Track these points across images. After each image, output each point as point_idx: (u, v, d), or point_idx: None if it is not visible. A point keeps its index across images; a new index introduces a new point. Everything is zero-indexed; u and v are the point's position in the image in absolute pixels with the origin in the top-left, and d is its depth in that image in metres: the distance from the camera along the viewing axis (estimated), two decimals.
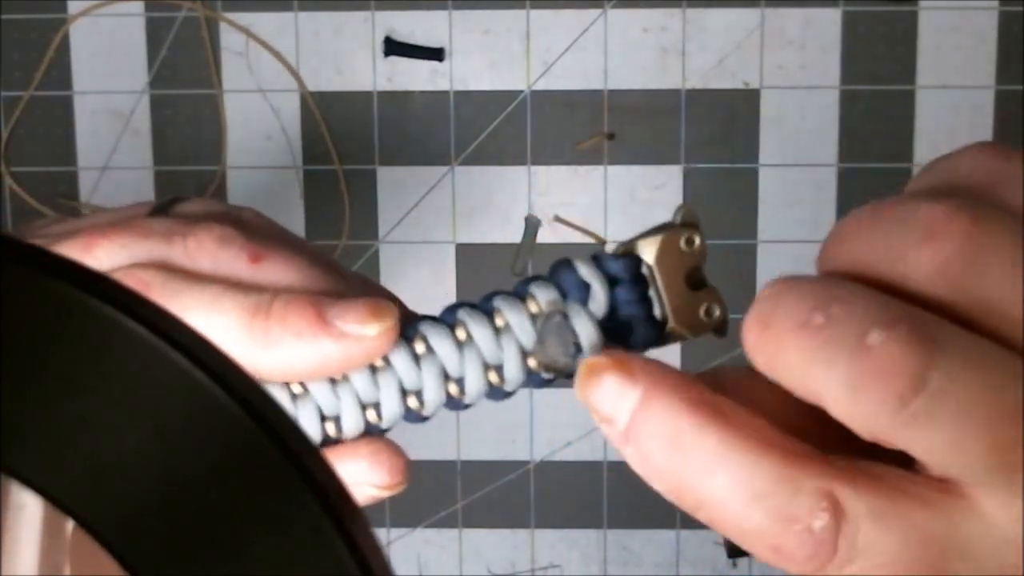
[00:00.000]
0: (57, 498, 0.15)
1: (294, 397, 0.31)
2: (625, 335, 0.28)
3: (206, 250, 0.33)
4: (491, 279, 0.68)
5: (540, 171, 0.69)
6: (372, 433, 0.31)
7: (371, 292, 0.38)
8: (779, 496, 0.22)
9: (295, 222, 0.69)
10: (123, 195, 0.70)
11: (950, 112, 0.68)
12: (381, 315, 0.30)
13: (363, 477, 0.32)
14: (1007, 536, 0.22)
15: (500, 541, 0.72)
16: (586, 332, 0.28)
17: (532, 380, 0.29)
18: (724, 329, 0.29)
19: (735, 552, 0.70)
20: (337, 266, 0.37)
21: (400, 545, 0.72)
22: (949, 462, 0.22)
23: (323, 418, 0.31)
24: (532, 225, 0.69)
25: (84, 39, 0.69)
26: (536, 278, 0.29)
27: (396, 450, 0.33)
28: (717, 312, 0.28)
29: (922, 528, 0.22)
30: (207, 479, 0.14)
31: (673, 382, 0.23)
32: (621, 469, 0.70)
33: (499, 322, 0.29)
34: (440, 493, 0.71)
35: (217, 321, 0.31)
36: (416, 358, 0.30)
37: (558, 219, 0.69)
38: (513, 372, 0.29)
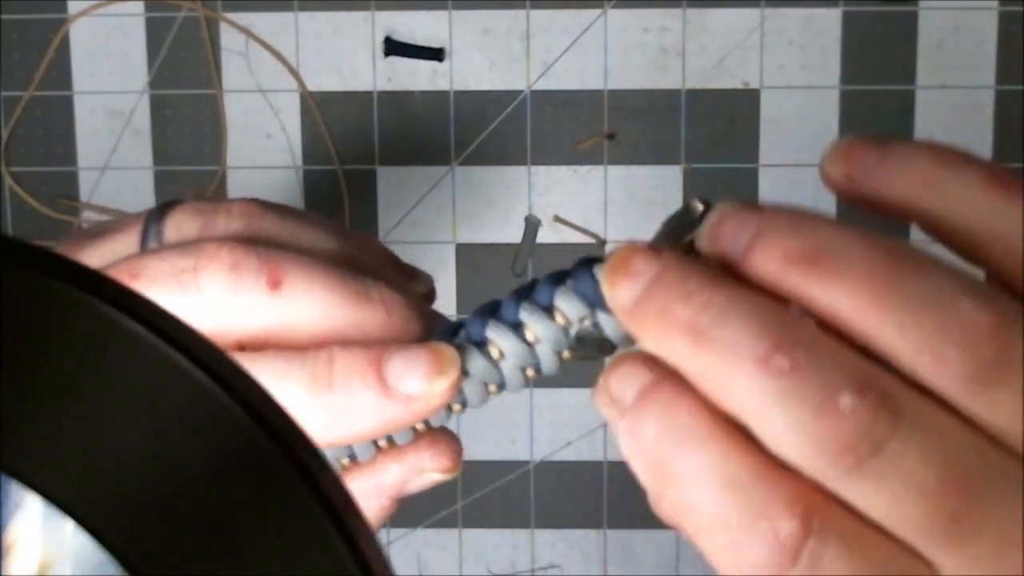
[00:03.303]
0: (57, 498, 0.15)
1: None
2: None
3: (222, 286, 0.31)
4: (491, 279, 0.68)
5: (540, 171, 0.69)
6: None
7: (398, 271, 0.37)
8: (753, 489, 0.22)
9: None
10: (123, 195, 0.70)
11: (950, 112, 0.68)
12: (444, 368, 0.29)
13: (427, 465, 0.32)
14: None
15: (500, 541, 0.72)
16: (618, 335, 0.28)
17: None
18: None
19: None
20: (357, 244, 0.35)
21: (400, 545, 0.72)
22: (888, 518, 0.22)
23: None
24: (532, 225, 0.69)
25: (84, 39, 0.69)
26: (558, 280, 0.29)
27: (451, 435, 0.33)
28: None
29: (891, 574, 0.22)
30: (207, 479, 0.14)
31: (679, 381, 0.24)
32: (621, 469, 0.70)
33: (530, 336, 0.29)
34: (440, 493, 0.71)
35: (281, 396, 0.29)
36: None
37: (558, 219, 0.69)
38: (549, 370, 0.30)
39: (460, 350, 0.30)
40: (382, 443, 0.32)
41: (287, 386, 0.29)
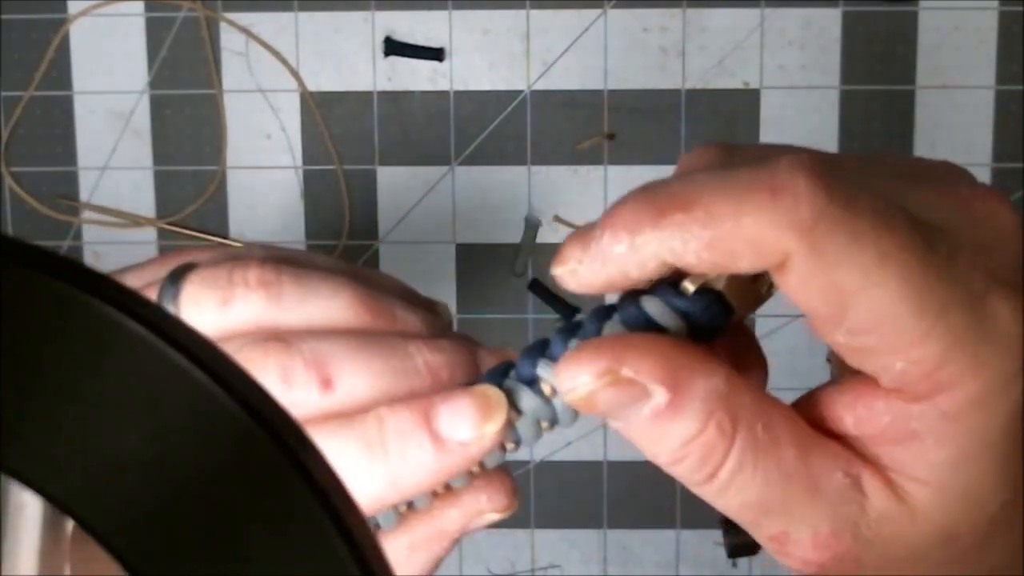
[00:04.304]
0: (57, 498, 0.15)
1: None
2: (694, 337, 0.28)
3: (275, 394, 0.31)
4: (491, 279, 0.68)
5: (540, 171, 0.69)
6: None
7: (419, 308, 0.37)
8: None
9: (295, 222, 0.69)
10: (123, 195, 0.70)
11: (950, 112, 0.68)
12: (491, 412, 0.30)
13: (484, 506, 0.33)
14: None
15: (500, 541, 0.72)
16: None
17: None
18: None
19: (735, 552, 0.70)
20: (373, 284, 0.35)
21: None
22: None
23: None
24: (532, 225, 0.69)
25: (84, 39, 0.69)
26: (604, 315, 0.28)
27: (504, 473, 0.33)
28: (772, 287, 0.28)
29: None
30: (207, 479, 0.14)
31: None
32: (621, 469, 0.71)
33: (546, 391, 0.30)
34: None
35: (339, 464, 0.29)
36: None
37: (558, 219, 0.69)
38: (568, 424, 0.30)
39: (512, 390, 0.30)
40: (439, 488, 0.32)
41: (340, 456, 0.30)
